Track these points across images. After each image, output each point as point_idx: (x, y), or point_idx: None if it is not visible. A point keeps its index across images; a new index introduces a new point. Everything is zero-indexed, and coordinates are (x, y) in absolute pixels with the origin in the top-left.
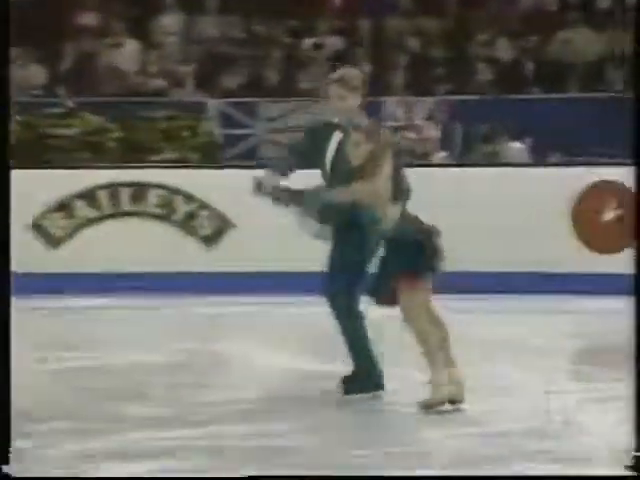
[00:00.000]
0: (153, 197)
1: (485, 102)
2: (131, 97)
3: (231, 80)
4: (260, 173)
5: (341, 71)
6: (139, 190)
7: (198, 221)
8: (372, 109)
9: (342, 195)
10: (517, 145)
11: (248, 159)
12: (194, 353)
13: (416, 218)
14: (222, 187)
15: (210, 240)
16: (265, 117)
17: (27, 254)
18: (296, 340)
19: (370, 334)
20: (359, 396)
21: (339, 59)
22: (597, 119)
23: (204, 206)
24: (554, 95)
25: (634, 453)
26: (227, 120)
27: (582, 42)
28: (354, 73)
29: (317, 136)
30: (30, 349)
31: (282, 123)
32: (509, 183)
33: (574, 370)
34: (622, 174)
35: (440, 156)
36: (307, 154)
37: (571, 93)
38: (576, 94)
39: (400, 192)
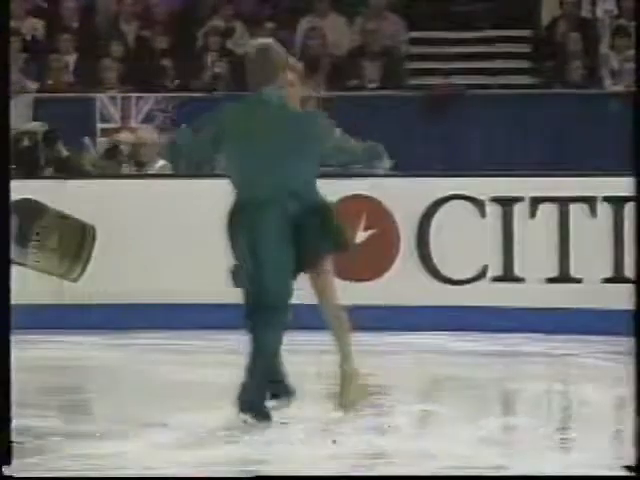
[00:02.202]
0: None
1: (217, 100)
2: None
3: None
4: None
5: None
6: None
7: None
8: (81, 106)
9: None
10: None
11: None
12: None
13: None
14: None
15: None
16: None
17: None
18: None
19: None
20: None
21: (39, 46)
22: (350, 122)
23: None
24: None
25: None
26: None
27: (330, 31)
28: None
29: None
30: None
31: None
32: None
33: None
34: (375, 188)
35: (159, 165)
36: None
37: (318, 91)
38: (324, 92)
39: None
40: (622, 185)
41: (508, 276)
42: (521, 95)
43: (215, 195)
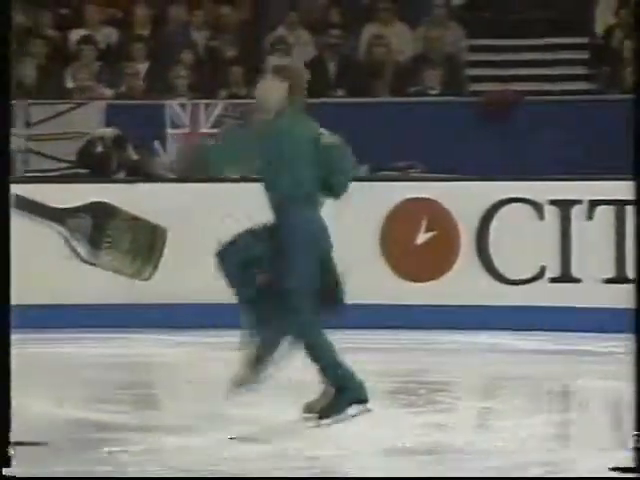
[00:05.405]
0: None
1: None
2: None
3: None
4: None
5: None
6: None
7: None
8: (152, 112)
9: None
10: None
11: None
12: None
13: None
14: None
15: None
16: (23, 121)
17: None
18: None
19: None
20: None
21: (113, 54)
22: (412, 127)
23: None
24: (360, 99)
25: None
26: None
27: (394, 39)
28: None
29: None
30: None
31: (44, 129)
32: None
33: None
34: (436, 191)
35: None
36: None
37: (381, 96)
38: (387, 98)
39: None
40: None
41: (565, 277)
42: (578, 101)
43: None
